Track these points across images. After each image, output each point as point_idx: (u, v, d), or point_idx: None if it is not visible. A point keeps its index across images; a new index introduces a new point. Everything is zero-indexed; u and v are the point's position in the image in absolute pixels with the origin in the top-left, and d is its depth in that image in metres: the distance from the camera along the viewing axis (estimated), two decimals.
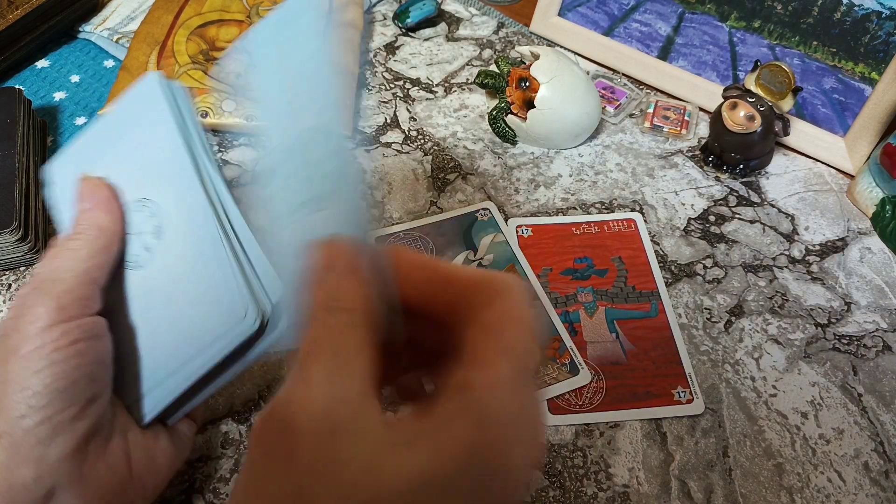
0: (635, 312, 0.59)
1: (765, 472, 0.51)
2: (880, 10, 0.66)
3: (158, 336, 0.42)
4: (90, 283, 0.40)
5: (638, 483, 0.50)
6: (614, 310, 0.59)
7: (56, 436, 0.36)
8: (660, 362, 0.56)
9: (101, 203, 0.42)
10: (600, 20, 0.80)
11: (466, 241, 0.63)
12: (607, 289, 0.60)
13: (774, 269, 0.63)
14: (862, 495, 0.50)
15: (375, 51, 0.81)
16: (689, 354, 0.56)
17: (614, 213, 0.66)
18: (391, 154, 0.71)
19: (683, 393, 0.54)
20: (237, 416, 0.53)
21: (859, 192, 0.67)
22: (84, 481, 0.38)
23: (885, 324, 0.59)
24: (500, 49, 0.82)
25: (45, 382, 0.36)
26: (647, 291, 0.60)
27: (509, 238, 0.63)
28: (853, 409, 0.54)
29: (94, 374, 0.39)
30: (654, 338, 0.57)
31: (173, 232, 0.43)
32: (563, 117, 0.68)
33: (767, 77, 0.65)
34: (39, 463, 0.36)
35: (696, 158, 0.71)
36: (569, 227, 0.64)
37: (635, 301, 0.59)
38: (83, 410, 0.38)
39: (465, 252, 0.62)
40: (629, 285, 0.60)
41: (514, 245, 0.62)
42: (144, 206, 0.43)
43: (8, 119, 0.63)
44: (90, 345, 0.39)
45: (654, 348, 0.56)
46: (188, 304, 0.41)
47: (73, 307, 0.38)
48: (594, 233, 0.64)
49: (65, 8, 0.76)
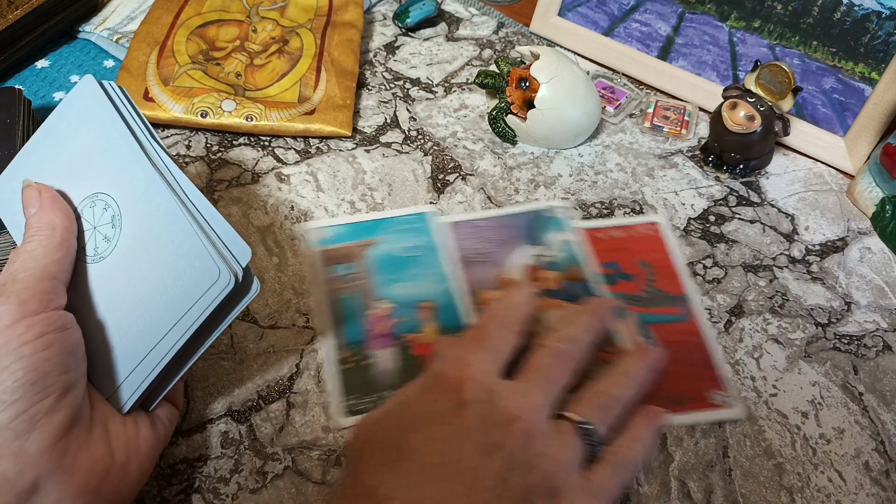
0: (666, 316, 0.58)
1: (765, 472, 0.51)
2: (880, 10, 0.66)
3: (132, 322, 0.42)
4: (50, 279, 0.41)
5: (637, 483, 0.50)
6: (645, 314, 0.58)
7: (33, 429, 0.37)
8: (695, 366, 0.56)
9: (48, 203, 0.44)
10: (600, 20, 0.80)
11: (534, 236, 0.63)
12: (636, 293, 0.60)
13: (774, 269, 0.63)
14: (862, 495, 0.50)
15: (375, 51, 0.81)
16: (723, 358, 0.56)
17: (638, 215, 0.66)
18: (391, 154, 0.71)
19: (720, 396, 0.54)
20: (237, 416, 0.53)
21: (859, 192, 0.67)
22: (68, 472, 0.38)
23: (886, 323, 0.59)
24: (500, 49, 0.82)
25: (16, 377, 0.37)
26: (676, 295, 0.60)
27: (577, 237, 0.63)
28: (854, 409, 0.54)
29: (65, 365, 0.39)
30: (687, 341, 0.57)
31: (130, 217, 0.44)
32: (563, 117, 0.68)
33: (767, 77, 0.65)
34: (19, 456, 0.36)
35: (696, 158, 0.71)
36: (594, 233, 0.64)
37: (665, 304, 0.59)
38: (58, 401, 0.38)
39: (532, 247, 0.62)
40: (658, 289, 0.60)
41: (581, 245, 0.62)
42: (98, 200, 0.45)
43: (8, 119, 0.63)
44: (56, 336, 0.39)
45: (688, 352, 0.56)
46: (159, 279, 0.42)
47: (35, 302, 0.39)
48: (619, 237, 0.63)
49: (65, 8, 0.76)
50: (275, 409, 0.53)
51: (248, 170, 0.69)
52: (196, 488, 0.49)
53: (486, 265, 0.61)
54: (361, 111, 0.75)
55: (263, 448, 0.51)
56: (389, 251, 0.61)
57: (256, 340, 0.57)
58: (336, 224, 0.63)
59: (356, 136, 0.72)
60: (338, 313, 0.58)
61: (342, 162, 0.70)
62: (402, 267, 0.60)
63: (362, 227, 0.63)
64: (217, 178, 0.67)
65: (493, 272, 0.61)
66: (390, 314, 0.57)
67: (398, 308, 0.58)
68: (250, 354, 0.56)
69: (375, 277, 0.60)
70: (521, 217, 0.65)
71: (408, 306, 0.58)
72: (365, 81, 0.78)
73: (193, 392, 0.54)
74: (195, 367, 0.55)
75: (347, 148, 0.71)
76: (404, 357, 0.55)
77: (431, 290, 0.59)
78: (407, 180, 0.68)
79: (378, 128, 0.73)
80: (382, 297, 0.58)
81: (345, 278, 0.60)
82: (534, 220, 0.64)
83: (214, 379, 0.55)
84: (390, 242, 0.62)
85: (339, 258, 0.61)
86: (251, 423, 0.53)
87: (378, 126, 0.73)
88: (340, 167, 0.69)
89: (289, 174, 0.68)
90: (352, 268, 0.60)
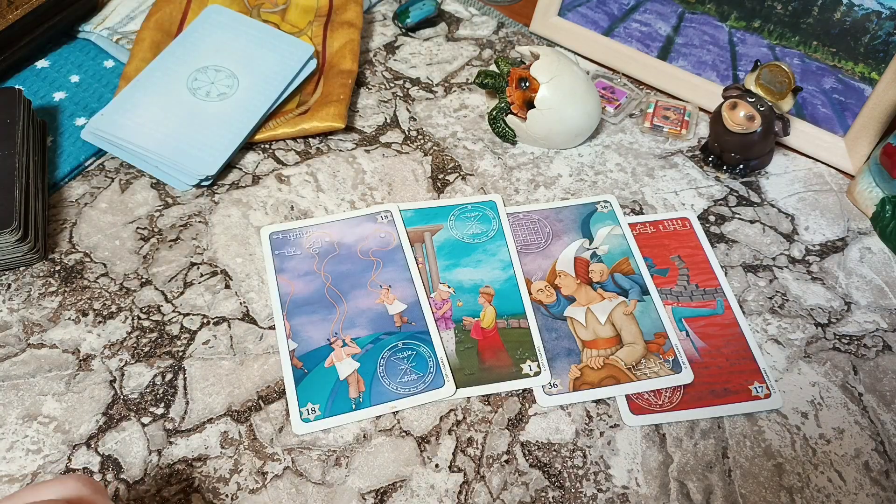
0: (702, 310, 0.59)
1: (765, 472, 0.51)
2: (880, 10, 0.66)
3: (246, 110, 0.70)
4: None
5: (637, 484, 0.50)
6: (681, 308, 0.59)
7: None
8: (733, 358, 0.56)
9: None
10: (600, 20, 0.80)
11: (584, 229, 0.64)
12: (671, 287, 0.60)
13: (774, 269, 0.63)
14: (862, 495, 0.50)
15: (375, 51, 0.81)
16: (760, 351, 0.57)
17: (667, 212, 0.66)
18: (391, 154, 0.71)
19: (761, 388, 0.54)
20: (236, 416, 0.53)
21: (859, 192, 0.67)
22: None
23: (885, 323, 0.59)
24: (500, 49, 0.82)
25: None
26: (711, 289, 0.60)
27: (626, 232, 0.64)
28: (853, 409, 0.54)
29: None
30: (725, 335, 0.58)
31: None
32: (563, 117, 0.68)
33: (767, 77, 0.65)
34: None
35: (696, 158, 0.71)
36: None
37: (700, 299, 0.60)
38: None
39: (581, 240, 0.63)
40: (692, 283, 0.61)
41: (630, 239, 0.63)
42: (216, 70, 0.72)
43: (8, 119, 0.63)
44: None
45: (726, 345, 0.57)
46: (265, 82, 0.72)
47: None
48: (650, 233, 0.64)
49: (64, 8, 0.76)
50: (274, 409, 0.53)
51: (248, 172, 0.69)
52: (196, 488, 0.49)
53: (537, 256, 0.62)
54: (361, 111, 0.75)
55: (263, 448, 0.51)
56: (454, 236, 0.63)
57: (256, 341, 0.57)
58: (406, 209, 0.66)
59: (356, 136, 0.72)
60: None
61: (342, 162, 0.70)
62: (465, 252, 0.62)
63: (430, 213, 0.65)
64: (218, 181, 0.67)
65: (543, 264, 0.62)
66: (450, 297, 0.60)
67: (460, 292, 0.60)
68: (250, 354, 0.56)
69: (439, 261, 0.62)
70: (571, 210, 0.65)
71: (469, 291, 0.60)
72: (365, 81, 0.78)
73: (193, 392, 0.54)
74: (195, 367, 0.55)
75: (347, 148, 0.71)
76: (463, 339, 0.57)
77: (492, 276, 0.61)
78: (407, 180, 0.68)
79: (378, 128, 0.73)
80: (444, 281, 0.60)
81: None
82: (584, 214, 0.65)
83: (214, 379, 0.55)
84: (456, 228, 0.64)
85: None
86: (251, 423, 0.53)
87: (378, 126, 0.73)
88: (340, 167, 0.69)
89: (289, 175, 0.68)
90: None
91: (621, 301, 0.59)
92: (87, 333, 0.57)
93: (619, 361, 0.56)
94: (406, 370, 0.55)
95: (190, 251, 0.62)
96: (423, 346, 0.56)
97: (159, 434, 0.52)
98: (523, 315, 0.58)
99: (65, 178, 0.67)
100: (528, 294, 0.60)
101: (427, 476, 0.51)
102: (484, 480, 0.50)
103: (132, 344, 0.57)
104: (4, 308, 0.58)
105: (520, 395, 0.55)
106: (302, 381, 0.54)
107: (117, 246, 0.62)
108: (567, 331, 0.58)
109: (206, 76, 0.71)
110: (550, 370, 0.55)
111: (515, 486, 0.50)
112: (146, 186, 0.67)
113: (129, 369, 0.55)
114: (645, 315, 0.58)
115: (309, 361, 0.55)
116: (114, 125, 0.67)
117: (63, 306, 0.58)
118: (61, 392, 0.54)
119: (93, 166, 0.68)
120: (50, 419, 0.52)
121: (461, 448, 0.52)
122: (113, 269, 0.61)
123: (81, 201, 0.65)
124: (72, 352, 0.56)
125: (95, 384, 0.54)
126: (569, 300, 0.59)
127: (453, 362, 0.56)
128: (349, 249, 0.62)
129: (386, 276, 0.60)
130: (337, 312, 0.58)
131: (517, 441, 0.52)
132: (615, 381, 0.55)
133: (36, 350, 0.56)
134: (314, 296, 0.59)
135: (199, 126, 0.68)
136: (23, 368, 0.55)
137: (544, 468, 0.51)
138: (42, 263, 0.61)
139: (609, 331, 0.58)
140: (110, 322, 0.58)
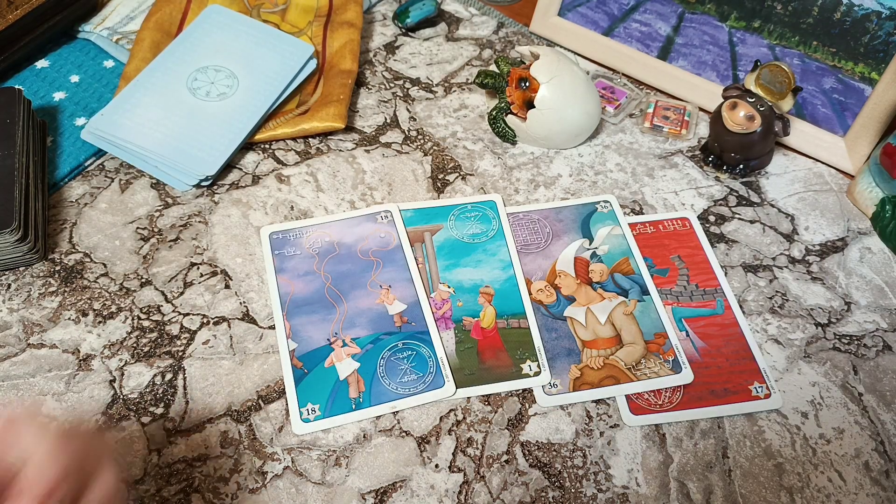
0: (702, 310, 0.59)
1: (765, 472, 0.51)
2: (880, 10, 0.66)
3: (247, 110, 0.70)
4: None
5: (637, 484, 0.50)
6: (681, 308, 0.59)
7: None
8: (733, 359, 0.56)
9: None
10: (600, 20, 0.80)
11: (584, 229, 0.64)
12: (671, 287, 0.60)
13: (774, 269, 0.63)
14: (862, 495, 0.50)
15: (375, 50, 0.81)
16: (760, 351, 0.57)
17: (667, 212, 0.66)
18: (391, 154, 0.71)
19: (760, 388, 0.54)
20: (236, 416, 0.53)
21: (859, 192, 0.67)
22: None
23: (885, 323, 0.59)
24: (499, 49, 0.82)
25: None
26: (711, 289, 0.60)
27: (626, 232, 0.64)
28: (853, 409, 0.54)
29: None
30: (725, 335, 0.58)
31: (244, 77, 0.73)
32: (563, 117, 0.68)
33: (767, 77, 0.65)
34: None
35: (696, 158, 0.71)
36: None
37: (700, 299, 0.60)
38: None
39: (581, 240, 0.63)
40: (692, 283, 0.61)
41: (630, 239, 0.63)
42: (216, 71, 0.72)
43: (8, 119, 0.63)
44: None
45: (726, 345, 0.57)
46: (265, 81, 0.72)
47: None
48: (650, 233, 0.64)
49: (64, 8, 0.76)
50: (274, 408, 0.53)
51: (248, 172, 0.69)
52: (195, 488, 0.49)
53: (537, 256, 0.62)
54: (361, 111, 0.75)
55: (263, 448, 0.51)
56: (454, 236, 0.63)
57: (256, 340, 0.57)
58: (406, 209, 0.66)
59: (356, 136, 0.72)
60: None
61: (342, 162, 0.70)
62: (465, 252, 0.62)
63: (429, 213, 0.65)
64: (217, 181, 0.67)
65: (543, 264, 0.62)
66: (450, 297, 0.60)
67: (460, 292, 0.60)
68: (250, 354, 0.56)
69: (439, 261, 0.62)
70: (571, 210, 0.66)
71: (469, 291, 0.60)
72: (365, 81, 0.78)
73: (193, 392, 0.54)
74: (195, 367, 0.55)
75: (347, 148, 0.71)
76: (463, 339, 0.57)
77: (492, 275, 0.61)
78: (407, 180, 0.68)
79: (378, 128, 0.73)
80: (444, 281, 0.60)
81: None
82: (584, 214, 0.65)
83: (214, 379, 0.55)
84: (456, 228, 0.64)
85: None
86: (251, 423, 0.53)
87: (378, 126, 0.73)
88: (340, 167, 0.69)
89: (289, 175, 0.68)
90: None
91: (621, 301, 0.59)
92: (86, 333, 0.57)
93: (619, 361, 0.56)
94: (406, 370, 0.55)
95: (190, 251, 0.62)
96: (423, 346, 0.56)
97: (159, 434, 0.52)
98: (523, 315, 0.58)
99: (65, 178, 0.67)
100: (528, 294, 0.60)
101: (427, 476, 0.51)
102: (484, 480, 0.50)
103: (132, 344, 0.57)
104: (4, 308, 0.58)
105: (520, 395, 0.55)
106: (302, 381, 0.54)
107: (117, 246, 0.62)
108: (567, 331, 0.58)
109: (205, 76, 0.71)
110: (550, 370, 0.55)
111: (515, 486, 0.50)
112: (146, 186, 0.67)
113: (129, 369, 0.55)
114: (645, 315, 0.58)
115: (309, 361, 0.55)
116: (114, 125, 0.67)
117: (63, 306, 0.58)
118: (61, 392, 0.54)
119: (93, 166, 0.68)
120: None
121: (461, 448, 0.52)
122: (113, 270, 0.61)
123: (81, 201, 0.65)
124: (72, 352, 0.56)
125: (95, 384, 0.54)
126: (569, 300, 0.59)
127: (453, 362, 0.56)
128: (349, 249, 0.62)
129: (386, 276, 0.60)
130: (337, 312, 0.58)
131: (517, 441, 0.52)
132: (615, 381, 0.55)
133: (36, 350, 0.56)
134: (314, 296, 0.59)
135: (199, 126, 0.68)
136: (23, 368, 0.55)
137: (544, 468, 0.51)
138: (42, 263, 0.61)
139: (609, 331, 0.58)
140: (110, 322, 0.58)
